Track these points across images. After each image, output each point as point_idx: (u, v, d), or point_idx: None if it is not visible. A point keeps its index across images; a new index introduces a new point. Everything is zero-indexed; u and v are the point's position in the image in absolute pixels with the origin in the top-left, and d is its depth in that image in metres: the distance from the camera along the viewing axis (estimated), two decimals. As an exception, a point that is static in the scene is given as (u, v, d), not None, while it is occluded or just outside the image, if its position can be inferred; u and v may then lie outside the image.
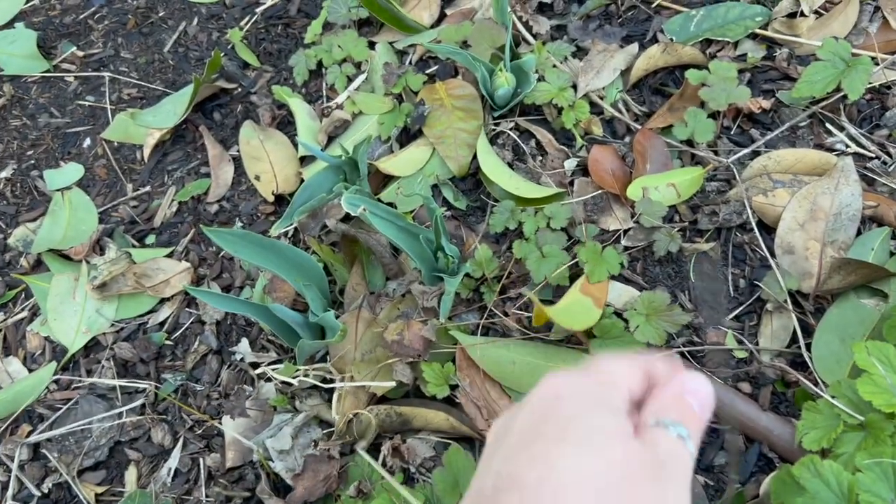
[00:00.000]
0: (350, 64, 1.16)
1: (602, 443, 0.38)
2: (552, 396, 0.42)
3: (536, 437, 0.39)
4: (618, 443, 0.38)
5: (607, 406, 0.41)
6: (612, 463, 0.37)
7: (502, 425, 0.43)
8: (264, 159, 1.11)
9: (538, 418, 0.40)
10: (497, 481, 0.39)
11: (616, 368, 0.43)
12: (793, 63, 1.03)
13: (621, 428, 0.39)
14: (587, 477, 0.37)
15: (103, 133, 1.22)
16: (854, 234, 0.88)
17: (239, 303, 0.86)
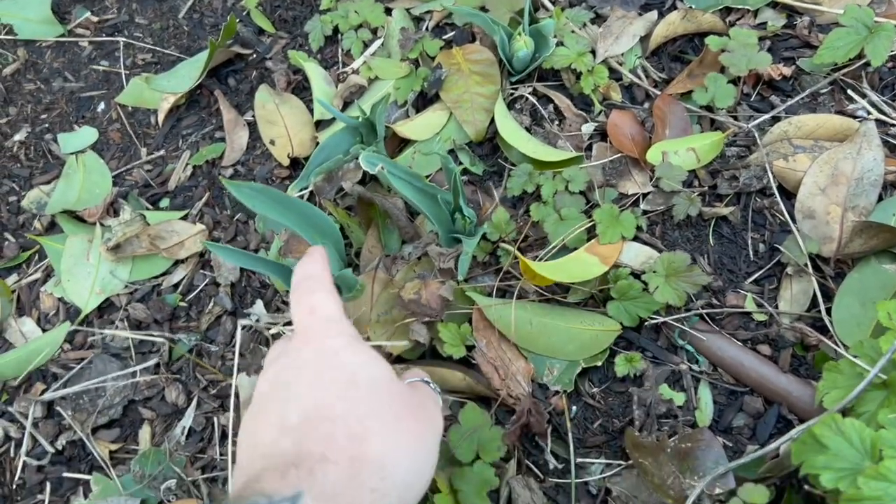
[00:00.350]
0: (366, 29, 1.16)
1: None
2: (331, 352, 0.54)
3: (332, 379, 0.52)
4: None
5: (360, 346, 0.56)
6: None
7: (280, 373, 0.54)
8: (280, 123, 1.10)
9: (325, 367, 0.53)
10: (305, 412, 0.49)
11: (334, 310, 0.58)
12: (814, 31, 1.02)
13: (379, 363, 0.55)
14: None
15: (118, 97, 1.22)
16: (875, 199, 0.87)
17: (257, 260, 0.85)
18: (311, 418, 0.48)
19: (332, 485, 0.45)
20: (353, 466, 0.46)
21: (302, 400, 0.50)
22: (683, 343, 0.84)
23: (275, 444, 0.48)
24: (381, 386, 0.52)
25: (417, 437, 0.51)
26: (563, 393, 0.85)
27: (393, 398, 0.52)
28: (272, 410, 0.51)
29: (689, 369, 0.83)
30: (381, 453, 0.48)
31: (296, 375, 0.52)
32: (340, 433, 0.48)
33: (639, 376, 0.83)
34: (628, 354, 0.83)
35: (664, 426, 0.81)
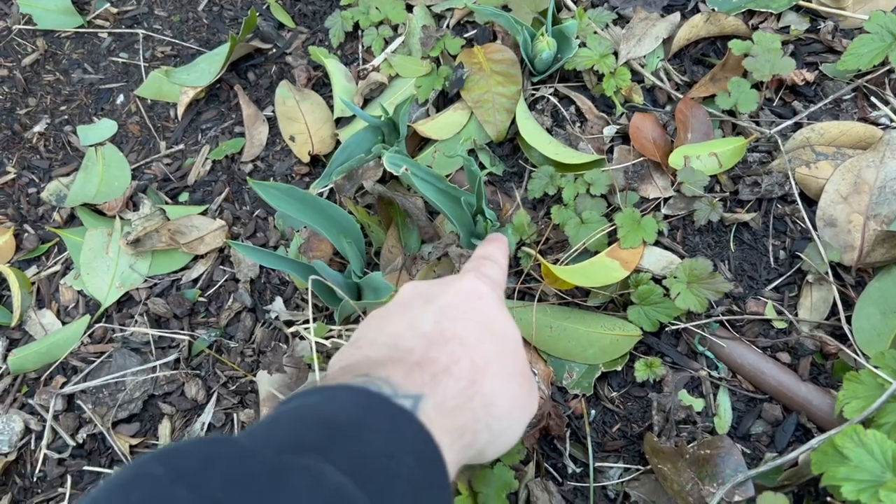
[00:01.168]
0: (387, 26, 1.15)
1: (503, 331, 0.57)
2: (476, 295, 0.58)
3: (470, 317, 0.55)
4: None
5: (504, 308, 0.59)
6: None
7: (425, 292, 0.59)
8: (300, 120, 1.11)
9: (468, 305, 0.57)
10: (442, 329, 0.53)
11: (499, 276, 0.64)
12: (837, 36, 1.02)
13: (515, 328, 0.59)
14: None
15: (137, 90, 1.22)
16: (897, 208, 0.87)
17: (278, 258, 0.86)
18: (444, 333, 0.52)
19: (450, 399, 0.48)
20: (470, 388, 0.49)
21: (440, 314, 0.54)
22: (703, 349, 0.85)
23: (402, 339, 0.52)
24: (510, 342, 0.57)
25: (521, 397, 0.55)
26: (583, 397, 0.85)
27: (515, 357, 0.56)
28: (408, 312, 0.56)
29: (708, 375, 0.84)
30: (492, 390, 0.51)
31: (441, 294, 0.57)
32: (466, 357, 0.51)
33: (658, 382, 0.84)
34: (648, 359, 0.84)
35: (683, 432, 0.81)
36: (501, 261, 0.66)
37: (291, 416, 0.43)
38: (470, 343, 0.52)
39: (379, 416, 0.43)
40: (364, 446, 0.40)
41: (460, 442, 0.47)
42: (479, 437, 0.50)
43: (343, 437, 0.40)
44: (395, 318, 0.55)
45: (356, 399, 0.44)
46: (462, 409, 0.48)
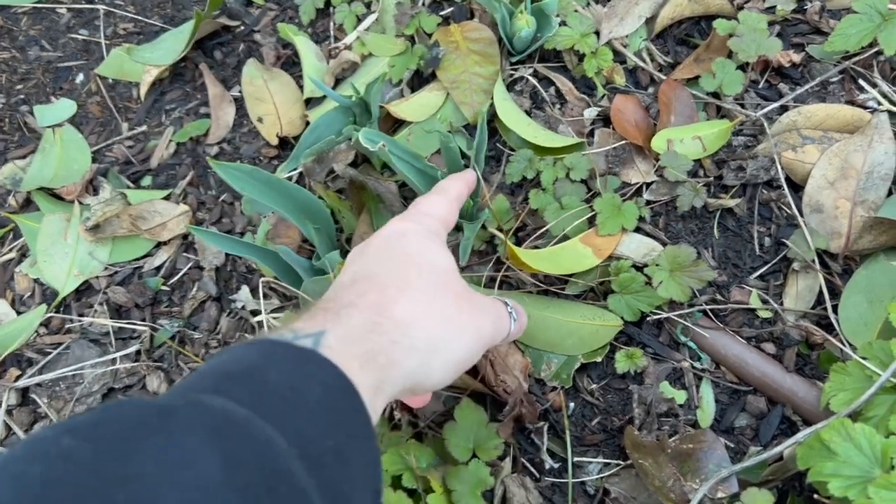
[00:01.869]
0: (360, 3, 1.11)
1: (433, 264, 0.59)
2: (398, 234, 0.62)
3: (390, 255, 0.59)
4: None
5: (433, 240, 0.62)
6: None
7: (358, 250, 0.61)
8: (268, 100, 1.06)
9: (388, 246, 0.60)
10: (354, 275, 0.56)
11: (434, 210, 0.67)
12: (824, 16, 0.99)
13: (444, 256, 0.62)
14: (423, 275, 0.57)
15: (97, 69, 1.16)
16: (885, 193, 0.85)
17: (243, 245, 0.82)
18: (356, 277, 0.56)
19: (353, 328, 0.49)
20: (378, 315, 0.51)
21: (359, 265, 0.58)
22: (686, 340, 0.82)
23: (329, 293, 0.55)
24: (437, 271, 0.59)
25: (454, 316, 0.57)
26: (561, 389, 0.82)
27: (443, 284, 0.58)
28: (343, 270, 0.59)
29: (691, 367, 0.81)
30: (406, 313, 0.53)
31: (372, 240, 0.61)
32: (374, 290, 0.53)
33: (639, 373, 0.81)
34: (629, 350, 0.81)
35: (665, 425, 0.78)
36: (452, 192, 0.71)
37: (194, 376, 0.43)
38: (381, 278, 0.55)
39: (278, 358, 0.44)
40: (263, 385, 0.41)
41: (374, 364, 0.48)
42: (402, 357, 0.50)
43: (241, 378, 0.41)
44: (338, 277, 0.59)
45: (256, 349, 0.45)
46: (370, 334, 0.49)
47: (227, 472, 0.33)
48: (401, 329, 0.51)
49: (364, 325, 0.50)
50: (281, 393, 0.40)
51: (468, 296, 0.60)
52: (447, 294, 0.57)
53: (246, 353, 0.44)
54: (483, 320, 0.60)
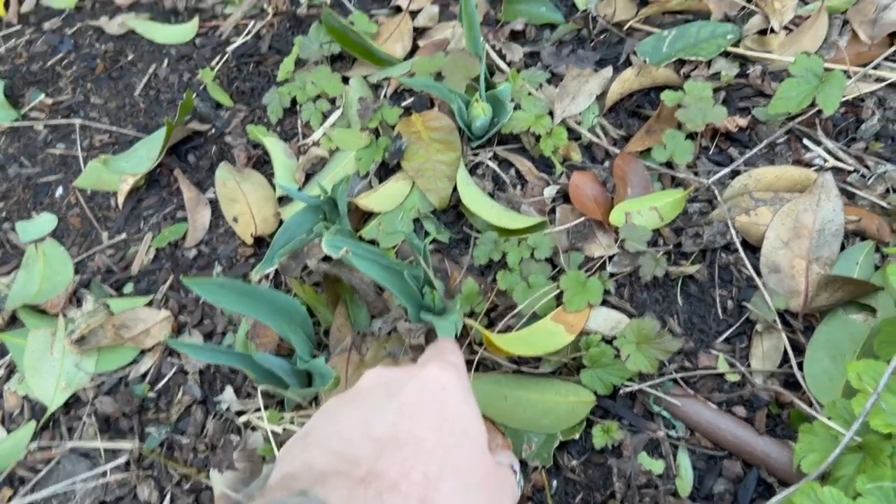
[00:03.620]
0: (324, 100, 1.15)
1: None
2: (439, 387, 0.54)
3: (429, 416, 0.51)
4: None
5: (470, 400, 0.55)
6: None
7: (387, 388, 0.53)
8: (241, 201, 1.09)
9: (427, 400, 0.52)
10: (394, 430, 0.48)
11: (461, 359, 0.62)
12: (766, 79, 1.04)
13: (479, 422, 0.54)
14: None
15: (76, 181, 1.20)
16: (838, 248, 0.88)
17: (221, 353, 0.84)
18: (398, 437, 0.48)
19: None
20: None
21: (398, 413, 0.50)
22: (659, 409, 0.84)
23: (352, 445, 0.47)
24: (472, 445, 0.51)
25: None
26: (543, 468, 0.83)
27: (477, 463, 0.51)
28: (365, 406, 0.51)
29: (666, 436, 0.83)
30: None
31: (403, 387, 0.52)
32: (419, 468, 0.46)
33: (617, 446, 0.83)
34: (605, 424, 0.83)
35: (646, 497, 0.80)
36: (458, 351, 0.63)
37: None
38: (426, 449, 0.47)
39: None
40: None
41: None
42: None
43: None
44: (350, 411, 0.51)
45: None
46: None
47: None
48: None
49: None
50: None
51: (493, 474, 0.54)
52: (480, 478, 0.51)
53: None
54: (505, 500, 0.55)
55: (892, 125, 0.98)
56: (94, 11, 1.34)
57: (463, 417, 0.52)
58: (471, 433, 0.52)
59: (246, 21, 1.28)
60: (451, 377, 0.54)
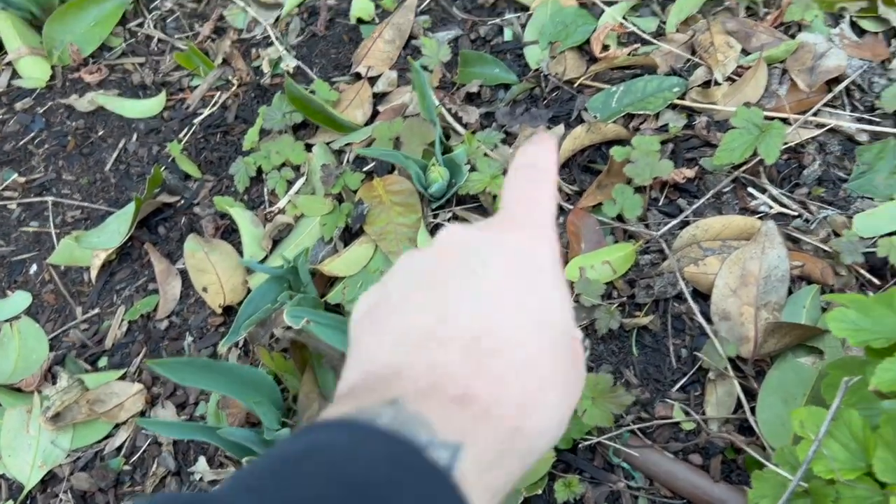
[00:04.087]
0: (289, 168, 1.19)
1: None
2: (537, 268, 0.42)
3: (522, 302, 0.41)
4: None
5: (562, 276, 0.43)
6: None
7: (478, 253, 0.42)
8: (210, 271, 1.12)
9: (522, 275, 0.42)
10: (483, 327, 0.39)
11: (552, 220, 0.46)
12: (712, 129, 1.08)
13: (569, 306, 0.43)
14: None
15: (49, 258, 1.22)
16: (785, 293, 0.91)
17: (190, 429, 0.86)
18: (491, 344, 0.39)
19: (488, 451, 0.37)
20: (513, 438, 0.38)
21: (485, 301, 0.40)
22: (619, 461, 0.86)
23: (444, 351, 0.39)
24: (565, 341, 0.42)
25: (569, 408, 0.42)
26: (508, 526, 0.85)
27: (568, 364, 0.42)
28: (444, 286, 0.42)
29: (626, 487, 0.85)
30: (538, 426, 0.39)
31: (489, 261, 0.42)
32: (513, 392, 0.39)
33: (579, 500, 0.85)
34: (567, 479, 0.85)
35: (609, 549, 0.81)
36: (553, 177, 0.49)
37: (317, 465, 0.35)
38: (520, 360, 0.39)
39: (410, 475, 0.35)
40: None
41: (494, 501, 0.38)
42: (510, 484, 0.39)
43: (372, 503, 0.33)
44: (434, 291, 0.42)
45: (386, 450, 0.35)
46: (499, 463, 0.38)
47: None
48: (525, 454, 0.39)
49: (497, 447, 0.38)
50: None
51: (578, 373, 0.43)
52: (571, 376, 0.42)
53: (373, 453, 0.35)
54: (580, 388, 0.45)
55: (833, 169, 1.02)
56: (65, 89, 1.38)
57: (557, 305, 0.43)
58: (567, 321, 0.43)
59: (212, 93, 1.32)
60: (547, 252, 0.44)
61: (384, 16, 1.34)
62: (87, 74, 1.38)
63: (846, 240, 0.92)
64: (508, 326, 0.39)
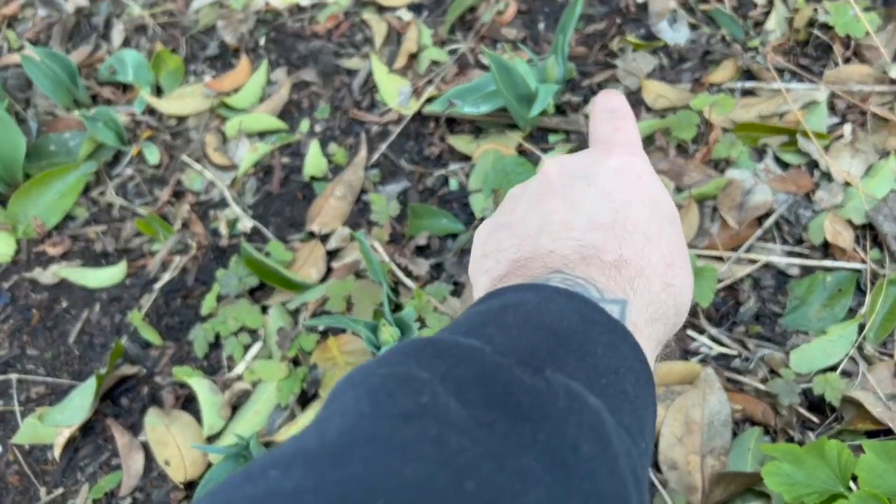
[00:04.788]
0: (246, 332, 1.21)
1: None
2: (636, 174, 0.51)
3: (642, 200, 0.49)
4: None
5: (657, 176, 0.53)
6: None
7: (586, 175, 0.50)
8: (171, 444, 1.13)
9: (633, 187, 0.50)
10: (619, 216, 0.47)
11: (637, 139, 0.56)
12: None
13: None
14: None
15: (13, 439, 1.23)
16: (730, 437, 0.93)
17: None
18: (626, 224, 0.46)
19: (648, 305, 0.44)
20: (664, 291, 0.45)
21: (610, 200, 0.47)
22: None
23: (581, 232, 0.46)
24: (678, 222, 0.50)
25: (692, 281, 0.49)
26: None
27: (682, 237, 0.50)
28: (569, 195, 0.48)
29: None
30: (681, 289, 0.46)
31: (598, 173, 0.49)
32: (656, 254, 0.45)
33: None
34: None
35: None
36: (631, 115, 0.58)
37: (519, 316, 0.39)
38: (654, 235, 0.46)
39: (597, 326, 0.40)
40: (595, 359, 0.38)
41: (656, 351, 0.45)
42: (667, 338, 0.47)
43: (574, 348, 0.38)
44: (553, 200, 0.48)
45: (572, 305, 0.40)
46: (658, 316, 0.44)
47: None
48: (677, 308, 0.46)
49: (654, 301, 0.44)
50: (609, 378, 0.38)
51: (685, 243, 0.52)
52: (686, 252, 0.50)
53: (563, 306, 0.40)
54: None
55: (769, 304, 1.06)
56: (29, 263, 1.42)
57: (665, 198, 0.51)
58: (675, 212, 0.51)
59: (172, 257, 1.36)
60: (642, 162, 0.52)
61: (337, 170, 1.39)
62: (51, 247, 1.42)
63: (783, 381, 0.95)
64: (632, 214, 0.46)
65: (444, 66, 1.45)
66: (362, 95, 1.47)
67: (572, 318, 0.39)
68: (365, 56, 1.51)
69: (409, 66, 1.47)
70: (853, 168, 1.11)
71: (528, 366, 0.35)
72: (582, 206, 0.47)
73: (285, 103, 1.50)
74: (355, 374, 0.35)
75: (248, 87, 1.51)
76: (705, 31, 1.34)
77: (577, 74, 1.35)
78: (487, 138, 1.34)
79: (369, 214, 1.31)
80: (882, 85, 1.18)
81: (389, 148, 1.39)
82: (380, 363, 0.35)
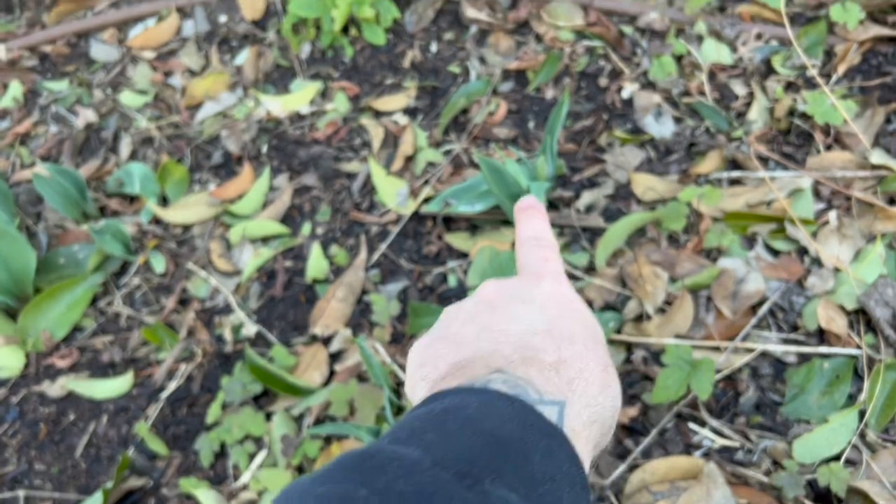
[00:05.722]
0: (251, 441, 1.22)
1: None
2: (567, 300, 0.53)
3: (571, 316, 0.51)
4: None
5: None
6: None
7: (524, 297, 0.53)
8: (177, 559, 1.12)
9: (564, 306, 0.52)
10: (552, 327, 0.49)
11: (561, 268, 0.58)
12: (650, 363, 1.12)
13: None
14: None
15: (20, 556, 1.23)
16: (738, 534, 0.92)
17: None
18: (563, 333, 0.48)
19: (585, 407, 0.45)
20: (602, 395, 0.46)
21: (548, 314, 0.50)
22: None
23: (523, 337, 0.48)
24: (602, 337, 0.53)
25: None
26: None
27: (607, 349, 0.52)
28: (507, 309, 0.51)
29: None
30: (617, 392, 0.48)
31: (534, 294, 0.52)
32: (594, 361, 0.47)
33: None
34: None
35: None
36: (553, 242, 0.61)
37: (458, 421, 0.40)
38: (590, 343, 0.49)
39: (535, 432, 0.41)
40: (532, 467, 0.38)
41: (592, 455, 0.46)
42: (604, 441, 0.48)
43: (513, 457, 0.38)
44: (492, 315, 0.51)
45: (512, 409, 0.41)
46: (596, 418, 0.46)
47: None
48: (612, 412, 0.48)
49: (591, 403, 0.46)
50: (545, 486, 0.38)
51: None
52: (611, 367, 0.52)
53: (502, 411, 0.41)
54: None
55: (769, 393, 1.06)
56: (38, 376, 1.44)
57: (595, 324, 0.54)
58: (599, 329, 0.53)
59: (177, 365, 1.38)
60: (570, 291, 0.55)
61: (338, 272, 1.42)
62: (59, 359, 1.44)
63: (787, 473, 0.94)
64: (567, 326, 0.49)
65: (440, 166, 1.49)
66: (362, 197, 1.52)
67: (512, 424, 0.41)
68: (363, 159, 1.56)
69: (406, 168, 1.52)
70: (842, 253, 1.13)
71: (467, 476, 0.36)
72: (520, 318, 0.50)
73: (287, 208, 1.54)
74: (292, 494, 0.36)
75: (251, 194, 1.56)
76: (689, 123, 1.39)
77: (567, 170, 1.39)
78: (483, 235, 1.37)
79: (370, 315, 1.33)
80: (864, 170, 1.21)
81: (389, 247, 1.42)
82: (316, 481, 0.36)
